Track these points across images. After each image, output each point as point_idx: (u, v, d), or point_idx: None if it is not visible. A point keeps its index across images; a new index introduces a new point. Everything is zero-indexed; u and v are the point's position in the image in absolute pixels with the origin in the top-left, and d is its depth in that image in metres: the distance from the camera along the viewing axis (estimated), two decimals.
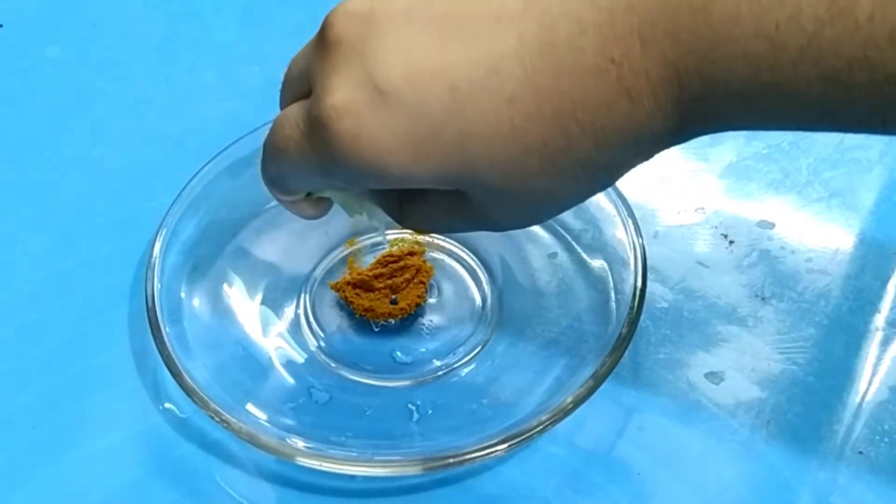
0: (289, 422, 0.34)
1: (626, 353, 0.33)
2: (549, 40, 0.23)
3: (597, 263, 0.38)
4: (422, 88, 0.23)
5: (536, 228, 0.40)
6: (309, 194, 0.31)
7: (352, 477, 0.33)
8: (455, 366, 0.37)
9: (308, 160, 0.26)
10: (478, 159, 0.24)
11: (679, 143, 0.25)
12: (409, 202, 0.29)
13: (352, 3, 0.25)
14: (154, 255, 0.37)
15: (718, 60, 0.21)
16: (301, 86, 0.27)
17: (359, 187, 0.29)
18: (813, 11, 0.20)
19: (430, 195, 0.28)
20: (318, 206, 0.31)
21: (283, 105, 0.28)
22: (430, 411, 0.35)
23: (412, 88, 0.23)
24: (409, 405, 0.35)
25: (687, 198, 0.43)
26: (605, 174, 0.26)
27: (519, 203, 0.26)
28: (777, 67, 0.21)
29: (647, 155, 0.25)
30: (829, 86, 0.21)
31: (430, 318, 0.38)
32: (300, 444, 0.32)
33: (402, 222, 0.30)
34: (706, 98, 0.22)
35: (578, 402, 0.32)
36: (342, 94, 0.24)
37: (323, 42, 0.25)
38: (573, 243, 0.39)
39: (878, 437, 0.34)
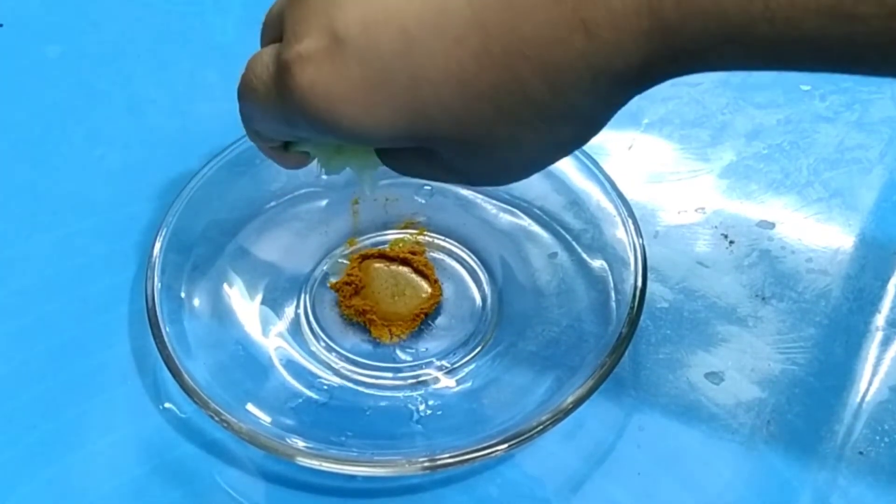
0: (289, 422, 0.34)
1: (626, 353, 0.33)
2: None
3: (597, 263, 0.38)
4: (374, 33, 0.23)
5: (537, 228, 0.40)
6: (287, 146, 0.30)
7: (352, 477, 0.33)
8: (455, 365, 0.37)
9: (274, 106, 0.25)
10: (430, 106, 0.23)
11: (644, 88, 0.23)
12: (391, 153, 0.28)
13: None
14: (154, 255, 0.37)
15: None
16: (277, 31, 0.26)
17: (321, 140, 0.28)
18: None
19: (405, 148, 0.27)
20: (297, 157, 0.31)
21: (262, 47, 0.28)
22: (429, 411, 0.35)
23: (366, 34, 0.23)
24: (409, 405, 0.35)
25: (687, 198, 0.43)
26: (565, 124, 0.24)
27: (482, 156, 0.25)
28: None
29: (608, 102, 0.23)
30: (828, 18, 0.19)
31: (431, 318, 0.38)
32: (300, 443, 0.32)
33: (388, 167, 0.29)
34: (683, 31, 0.20)
35: (578, 403, 0.32)
36: (305, 42, 0.23)
37: None
38: (573, 243, 0.39)
39: (878, 438, 0.34)
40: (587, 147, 0.26)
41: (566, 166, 0.39)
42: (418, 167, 0.28)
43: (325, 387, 0.36)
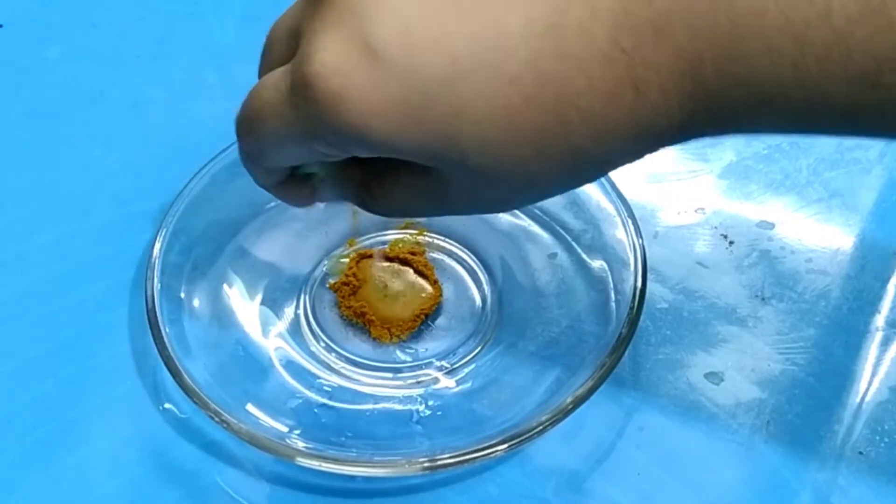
0: (289, 422, 0.34)
1: (626, 354, 0.33)
2: (558, 23, 0.22)
3: (597, 264, 0.38)
4: (419, 56, 0.22)
5: (536, 228, 0.40)
6: (292, 176, 0.30)
7: (352, 477, 0.33)
8: (455, 366, 0.37)
9: (289, 124, 0.25)
10: (467, 137, 0.23)
11: (677, 143, 0.24)
12: (377, 183, 0.28)
13: None
14: (154, 255, 0.37)
15: (739, 55, 0.21)
16: (286, 48, 0.26)
17: (341, 153, 0.28)
18: (844, 10, 0.19)
19: (402, 175, 0.27)
20: (307, 191, 0.30)
21: (264, 69, 0.27)
22: (429, 412, 0.35)
23: (408, 55, 0.22)
24: (409, 405, 0.35)
25: (687, 198, 0.43)
26: (594, 168, 0.25)
27: (498, 188, 0.25)
28: (801, 65, 0.20)
29: (640, 154, 0.24)
30: (856, 86, 0.20)
31: (430, 319, 0.38)
32: (300, 444, 0.32)
33: (366, 206, 0.29)
34: (721, 95, 0.22)
35: (578, 403, 0.32)
36: (332, 52, 0.23)
37: (315, 2, 0.24)
38: (573, 243, 0.39)
39: (878, 438, 0.34)
40: None
41: None
42: (408, 198, 0.28)
43: (325, 387, 0.36)
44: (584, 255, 0.39)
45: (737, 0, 0.20)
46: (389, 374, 0.36)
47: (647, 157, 0.24)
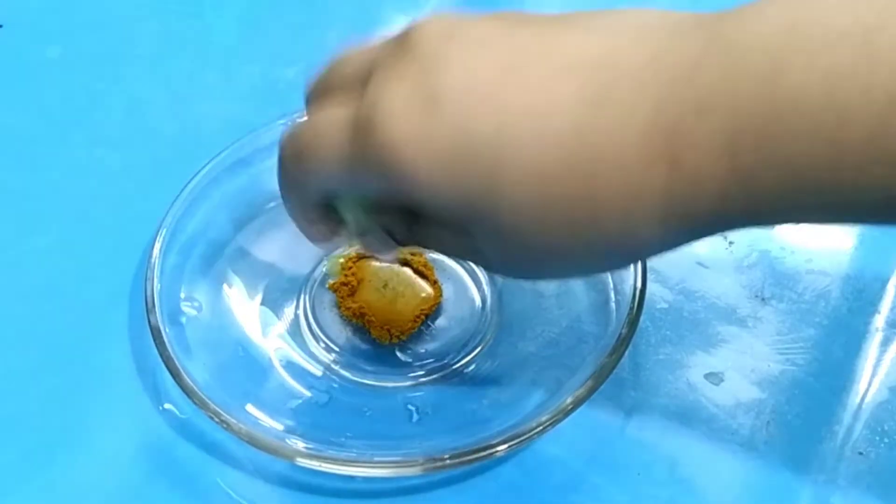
0: (289, 422, 0.34)
1: (626, 354, 0.33)
2: (606, 95, 0.22)
3: None
4: (472, 111, 0.23)
5: None
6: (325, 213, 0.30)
7: (351, 478, 0.33)
8: (455, 366, 0.37)
9: (340, 157, 0.26)
10: (502, 195, 0.24)
11: (703, 236, 0.24)
12: (418, 223, 0.29)
13: (435, 22, 0.25)
14: (154, 255, 0.37)
15: (779, 133, 0.21)
16: (353, 87, 0.26)
17: (378, 193, 0.28)
18: (884, 88, 0.19)
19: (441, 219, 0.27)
20: (332, 230, 0.31)
21: (323, 100, 0.28)
22: (429, 412, 0.35)
23: (463, 108, 0.23)
24: (409, 406, 0.35)
25: None
26: (619, 250, 0.25)
27: (520, 256, 0.26)
28: (844, 146, 0.20)
29: (666, 243, 0.24)
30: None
31: (430, 319, 0.38)
32: (300, 444, 0.32)
33: (407, 241, 0.30)
34: (757, 175, 0.21)
35: (578, 403, 0.32)
36: (399, 100, 0.24)
37: (398, 51, 0.25)
38: None
39: (877, 438, 0.34)
40: None
41: None
42: (446, 241, 0.28)
43: (325, 388, 0.36)
44: None
45: (781, 79, 0.20)
46: (389, 375, 0.36)
47: None
